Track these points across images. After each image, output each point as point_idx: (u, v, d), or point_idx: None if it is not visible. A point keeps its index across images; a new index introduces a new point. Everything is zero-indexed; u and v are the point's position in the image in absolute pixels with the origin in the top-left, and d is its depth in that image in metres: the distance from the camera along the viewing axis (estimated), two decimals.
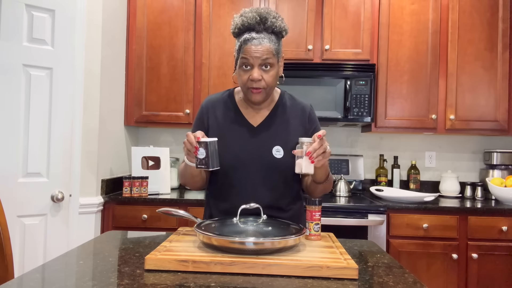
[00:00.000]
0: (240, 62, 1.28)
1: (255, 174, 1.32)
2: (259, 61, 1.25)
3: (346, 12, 2.70)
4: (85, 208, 2.27)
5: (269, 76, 1.27)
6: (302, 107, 1.42)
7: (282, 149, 1.33)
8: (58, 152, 2.13)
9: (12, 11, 1.98)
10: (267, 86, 1.28)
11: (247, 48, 1.25)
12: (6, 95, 1.96)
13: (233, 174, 1.33)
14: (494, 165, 2.85)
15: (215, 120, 1.38)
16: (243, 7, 2.69)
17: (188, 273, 0.97)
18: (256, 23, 1.26)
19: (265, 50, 1.25)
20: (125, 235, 1.40)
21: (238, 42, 1.30)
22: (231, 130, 1.36)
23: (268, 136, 1.35)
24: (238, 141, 1.34)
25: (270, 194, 1.33)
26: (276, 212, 1.35)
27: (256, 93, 1.28)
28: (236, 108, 1.39)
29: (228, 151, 1.33)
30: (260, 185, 1.32)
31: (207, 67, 2.72)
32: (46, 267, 1.01)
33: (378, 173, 2.94)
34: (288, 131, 1.36)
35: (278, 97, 1.42)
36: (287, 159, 1.32)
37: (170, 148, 3.09)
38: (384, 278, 0.99)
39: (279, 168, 1.32)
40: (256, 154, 1.32)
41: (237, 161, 1.32)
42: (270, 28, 1.27)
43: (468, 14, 2.68)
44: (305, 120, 1.40)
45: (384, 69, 2.69)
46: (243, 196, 1.32)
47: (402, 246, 2.35)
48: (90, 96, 2.32)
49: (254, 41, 1.25)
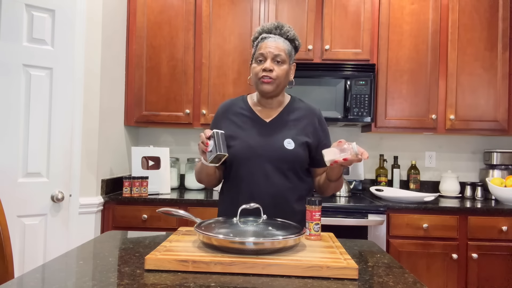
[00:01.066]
0: (255, 57, 1.43)
1: (267, 163, 1.39)
2: (272, 55, 1.38)
3: (346, 12, 2.70)
4: (85, 208, 2.27)
5: (280, 69, 1.39)
6: (312, 110, 1.51)
7: (293, 142, 1.40)
8: (58, 152, 2.13)
9: (12, 11, 1.98)
10: (277, 77, 1.39)
11: (263, 44, 1.41)
12: (6, 95, 1.96)
13: (248, 164, 1.40)
14: (494, 165, 2.85)
15: (230, 121, 1.48)
16: (243, 7, 2.71)
17: (188, 273, 0.97)
18: (273, 28, 1.45)
19: (279, 46, 1.39)
20: (125, 235, 1.40)
21: (256, 42, 1.46)
22: (245, 126, 1.45)
23: (280, 130, 1.43)
24: (251, 135, 1.43)
25: (282, 183, 1.39)
26: (292, 202, 1.41)
27: (266, 83, 1.38)
28: (249, 108, 1.50)
29: (242, 144, 1.41)
30: (272, 174, 1.38)
31: (207, 67, 2.72)
32: (46, 267, 1.01)
33: (378, 173, 2.94)
34: (298, 128, 1.45)
35: (289, 99, 1.53)
36: (298, 151, 1.40)
37: (170, 148, 3.09)
38: (384, 278, 0.99)
39: (290, 158, 1.39)
40: (268, 146, 1.40)
41: (251, 152, 1.40)
42: (285, 34, 1.44)
43: (468, 14, 2.68)
44: (315, 122, 1.48)
45: (384, 69, 2.69)
46: (257, 184, 1.38)
47: (402, 246, 2.35)
48: (90, 96, 2.33)
49: (270, 39, 1.41)
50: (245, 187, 1.40)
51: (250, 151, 1.40)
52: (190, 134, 3.12)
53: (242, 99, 1.53)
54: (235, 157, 1.40)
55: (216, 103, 2.70)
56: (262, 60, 1.39)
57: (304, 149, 1.41)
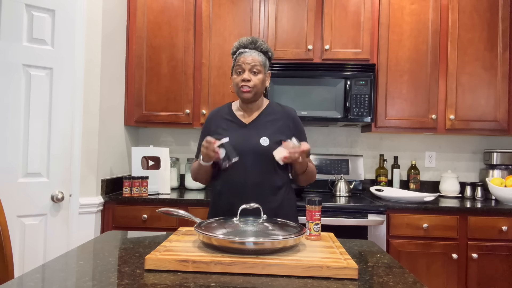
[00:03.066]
0: (235, 69, 1.65)
1: (247, 158, 1.60)
2: (249, 67, 1.61)
3: (346, 12, 2.70)
4: (85, 208, 2.27)
5: (256, 78, 1.62)
6: (287, 111, 1.73)
7: (268, 139, 1.62)
8: (58, 152, 2.13)
9: (12, 11, 1.98)
10: (254, 86, 1.62)
11: (241, 58, 1.63)
12: (6, 95, 1.96)
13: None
14: (494, 165, 2.85)
15: (216, 124, 1.72)
16: (243, 7, 2.71)
17: (188, 273, 0.97)
18: (249, 43, 1.65)
19: (254, 59, 1.62)
20: (125, 235, 1.40)
21: (234, 56, 1.67)
22: (228, 128, 1.69)
23: (257, 130, 1.66)
24: (233, 135, 1.64)
25: (260, 173, 1.61)
26: (268, 191, 1.61)
27: (246, 92, 1.61)
28: (232, 113, 1.73)
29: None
30: (252, 167, 1.60)
31: (207, 67, 2.72)
32: (46, 267, 1.01)
33: (378, 173, 2.94)
34: (274, 128, 1.66)
35: (267, 103, 1.75)
36: (272, 147, 1.59)
37: (170, 148, 3.09)
38: (384, 278, 0.99)
39: (265, 153, 1.60)
40: (247, 143, 1.62)
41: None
42: (259, 47, 1.66)
43: (468, 14, 2.68)
44: (289, 122, 1.70)
45: (384, 69, 2.69)
46: (239, 176, 1.60)
47: (402, 246, 2.35)
48: (90, 96, 2.33)
49: (246, 53, 1.63)
50: (229, 177, 1.62)
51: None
52: (190, 134, 3.12)
53: (227, 106, 1.76)
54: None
55: (216, 103, 2.70)
56: (241, 72, 1.62)
57: (278, 145, 1.58)
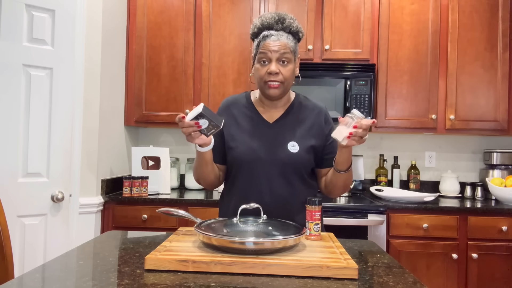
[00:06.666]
0: (258, 58, 1.31)
1: (270, 167, 1.32)
2: (277, 55, 1.28)
3: (346, 12, 2.70)
4: (85, 208, 2.27)
5: (286, 70, 1.30)
6: (318, 108, 1.44)
7: (298, 144, 1.34)
8: (58, 152, 2.13)
9: (12, 11, 1.98)
10: (284, 80, 1.30)
11: (265, 43, 1.29)
12: (6, 95, 1.96)
13: (249, 167, 1.34)
14: (494, 165, 2.85)
15: (232, 118, 1.40)
16: (243, 7, 2.71)
17: (188, 273, 0.97)
18: (274, 22, 1.31)
19: (283, 45, 1.28)
20: (125, 235, 1.40)
21: (257, 40, 1.33)
22: (248, 127, 1.37)
23: (284, 132, 1.36)
24: (254, 136, 1.35)
25: (286, 188, 1.33)
26: (297, 209, 1.34)
27: (273, 88, 1.29)
28: (252, 106, 1.41)
29: (244, 146, 1.35)
30: (276, 179, 1.32)
31: (207, 67, 2.72)
32: (46, 267, 1.01)
33: (378, 173, 2.94)
34: (303, 128, 1.38)
35: (293, 97, 1.44)
36: (303, 154, 1.33)
37: (170, 148, 3.09)
38: (384, 278, 0.99)
39: (294, 162, 1.33)
40: (271, 149, 1.33)
41: (253, 155, 1.34)
42: (288, 27, 1.32)
43: (468, 14, 2.68)
44: (321, 121, 1.41)
45: (384, 69, 2.69)
46: (259, 189, 1.33)
47: (402, 246, 2.35)
48: (90, 96, 2.33)
49: (272, 37, 1.29)
50: (246, 191, 1.34)
51: (252, 154, 1.33)
52: None
53: (245, 96, 1.44)
54: (236, 160, 1.35)
55: (216, 103, 2.70)
56: (266, 61, 1.29)
57: (309, 152, 1.35)
